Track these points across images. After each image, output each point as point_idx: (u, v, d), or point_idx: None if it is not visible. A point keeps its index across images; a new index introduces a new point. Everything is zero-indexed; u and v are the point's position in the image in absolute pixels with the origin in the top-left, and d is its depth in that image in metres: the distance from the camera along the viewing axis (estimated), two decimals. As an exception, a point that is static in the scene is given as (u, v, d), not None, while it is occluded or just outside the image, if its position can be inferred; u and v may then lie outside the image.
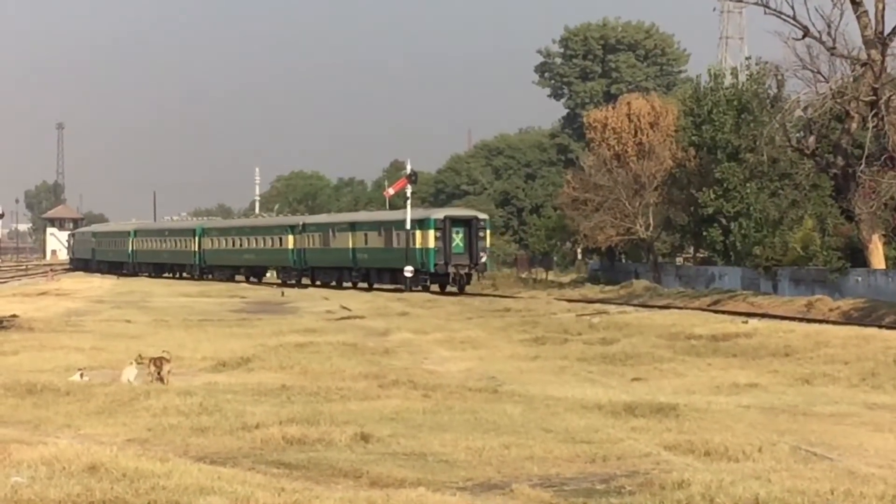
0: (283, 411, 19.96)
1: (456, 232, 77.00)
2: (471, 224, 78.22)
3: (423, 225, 77.06)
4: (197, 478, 12.40)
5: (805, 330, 38.43)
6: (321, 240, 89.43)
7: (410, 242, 76.96)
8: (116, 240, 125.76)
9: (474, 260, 76.71)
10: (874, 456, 16.67)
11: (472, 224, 78.24)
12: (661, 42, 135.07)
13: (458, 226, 77.63)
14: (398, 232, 79.63)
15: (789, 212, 65.30)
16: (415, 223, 78.02)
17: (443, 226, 76.38)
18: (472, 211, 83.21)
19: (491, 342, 38.60)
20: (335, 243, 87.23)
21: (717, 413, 20.83)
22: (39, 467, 12.75)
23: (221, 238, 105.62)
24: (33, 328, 40.44)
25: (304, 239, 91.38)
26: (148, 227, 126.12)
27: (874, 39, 58.36)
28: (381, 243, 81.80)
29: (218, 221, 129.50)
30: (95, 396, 21.90)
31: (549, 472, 14.65)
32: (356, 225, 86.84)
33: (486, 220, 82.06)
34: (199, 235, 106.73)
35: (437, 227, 76.20)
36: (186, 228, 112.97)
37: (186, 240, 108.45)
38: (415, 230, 77.33)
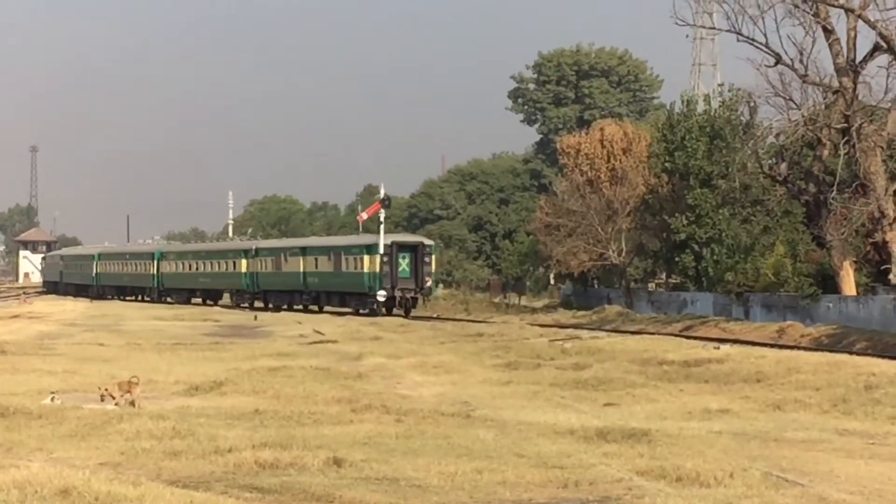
0: (255, 435, 19.94)
1: (402, 257, 78.45)
2: (417, 249, 80.00)
3: (370, 250, 78.50)
4: (169, 501, 12.40)
5: (776, 356, 38.52)
6: (273, 264, 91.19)
7: (360, 266, 78.63)
8: (82, 263, 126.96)
9: (420, 284, 78.76)
10: (845, 482, 16.73)
11: (418, 249, 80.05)
12: (635, 68, 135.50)
13: (405, 251, 79.18)
14: (347, 257, 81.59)
15: (761, 238, 65.54)
16: (363, 248, 79.94)
17: (390, 251, 77.67)
18: (418, 237, 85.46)
19: (464, 367, 38.57)
20: (286, 267, 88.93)
21: (689, 438, 20.88)
22: (11, 490, 12.72)
23: (178, 262, 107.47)
24: (5, 351, 40.27)
25: (257, 263, 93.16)
26: (111, 251, 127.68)
27: (846, 67, 58.67)
28: (331, 267, 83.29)
29: (176, 246, 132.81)
30: (68, 420, 21.85)
31: (522, 497, 14.67)
32: (307, 249, 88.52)
33: (431, 245, 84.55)
34: (157, 259, 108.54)
35: (385, 253, 77.40)
36: (146, 252, 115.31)
37: (146, 263, 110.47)
38: (363, 255, 78.97)
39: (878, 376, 31.34)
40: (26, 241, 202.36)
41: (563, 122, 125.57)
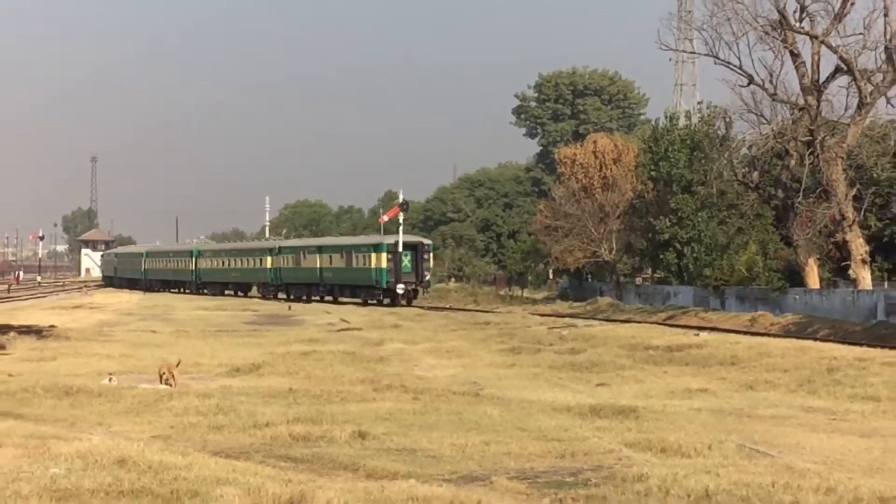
0: (289, 412, 19.94)
1: (405, 255, 78.77)
2: (417, 248, 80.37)
3: (377, 248, 79.47)
4: (214, 470, 12.39)
5: (749, 342, 38.42)
6: (294, 260, 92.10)
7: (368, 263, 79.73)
8: (133, 260, 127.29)
9: (420, 278, 79.28)
10: (810, 453, 16.69)
11: (418, 248, 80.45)
12: (624, 88, 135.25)
13: (407, 249, 79.42)
14: (357, 254, 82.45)
15: (735, 238, 65.40)
16: (370, 247, 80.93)
17: (394, 250, 78.29)
18: (418, 237, 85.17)
19: (473, 351, 38.52)
20: (305, 263, 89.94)
21: (672, 415, 20.84)
22: (75, 460, 12.73)
23: (214, 259, 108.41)
24: (69, 337, 40.31)
25: (280, 259, 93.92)
26: (157, 249, 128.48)
27: (810, 87, 58.57)
28: (343, 263, 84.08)
29: (211, 245, 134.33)
30: (124, 398, 21.88)
31: (524, 467, 14.64)
32: (322, 248, 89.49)
33: (430, 244, 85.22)
34: (195, 256, 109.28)
35: (389, 251, 78.30)
36: (185, 250, 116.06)
37: (186, 260, 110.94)
38: (371, 252, 79.91)
39: (839, 360, 31.26)
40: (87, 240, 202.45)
41: (561, 136, 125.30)
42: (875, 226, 65.25)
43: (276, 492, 10.78)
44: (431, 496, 10.71)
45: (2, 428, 16.54)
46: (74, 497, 10.67)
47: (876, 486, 12.31)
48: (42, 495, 10.63)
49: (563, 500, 12.08)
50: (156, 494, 10.97)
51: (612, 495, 12.23)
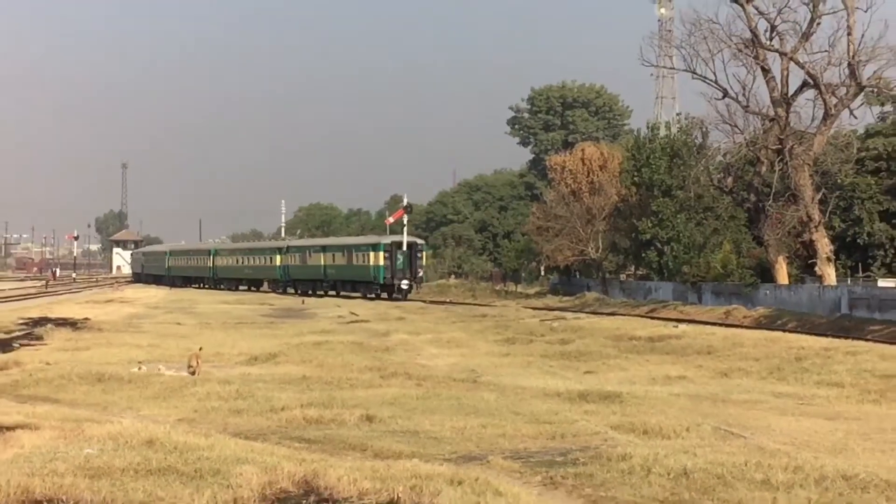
0: (303, 397, 19.95)
1: (401, 253, 79.43)
2: (412, 247, 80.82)
3: (375, 248, 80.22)
4: (234, 450, 12.39)
5: (724, 333, 38.46)
6: (300, 259, 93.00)
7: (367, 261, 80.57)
8: (158, 258, 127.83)
9: (414, 274, 79.97)
10: (779, 435, 16.69)
11: (412, 247, 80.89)
12: (609, 100, 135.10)
13: (402, 249, 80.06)
14: (357, 253, 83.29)
15: (711, 238, 65.37)
16: (369, 246, 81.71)
17: (391, 249, 79.15)
18: (412, 238, 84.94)
19: (471, 342, 38.54)
20: (310, 261, 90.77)
21: (653, 400, 20.85)
22: (107, 441, 12.73)
23: (229, 257, 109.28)
24: (101, 329, 40.35)
25: (288, 258, 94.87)
26: (178, 249, 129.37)
27: (780, 99, 58.60)
28: (345, 261, 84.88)
29: (227, 244, 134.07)
30: (152, 384, 21.90)
31: (518, 447, 14.64)
32: (326, 247, 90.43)
33: (423, 244, 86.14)
34: (213, 255, 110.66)
35: (386, 250, 79.07)
36: (204, 249, 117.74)
37: (204, 258, 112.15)
38: (369, 251, 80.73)
39: (806, 349, 31.30)
40: (118, 240, 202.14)
41: (551, 144, 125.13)
42: (839, 227, 65.44)
43: (290, 470, 10.78)
44: (433, 474, 10.71)
45: (40, 411, 16.56)
46: (106, 475, 10.67)
47: (840, 464, 12.32)
48: (77, 473, 10.64)
49: (553, 478, 12.08)
50: (181, 473, 10.98)
51: (599, 473, 12.23)
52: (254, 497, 9.80)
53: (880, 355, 29.30)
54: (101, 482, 10.24)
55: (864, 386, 24.39)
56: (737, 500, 10.70)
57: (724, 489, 11.21)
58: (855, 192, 66.66)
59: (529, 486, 11.54)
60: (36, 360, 26.89)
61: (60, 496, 9.59)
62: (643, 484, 11.61)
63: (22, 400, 19.25)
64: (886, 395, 22.93)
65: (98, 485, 10.09)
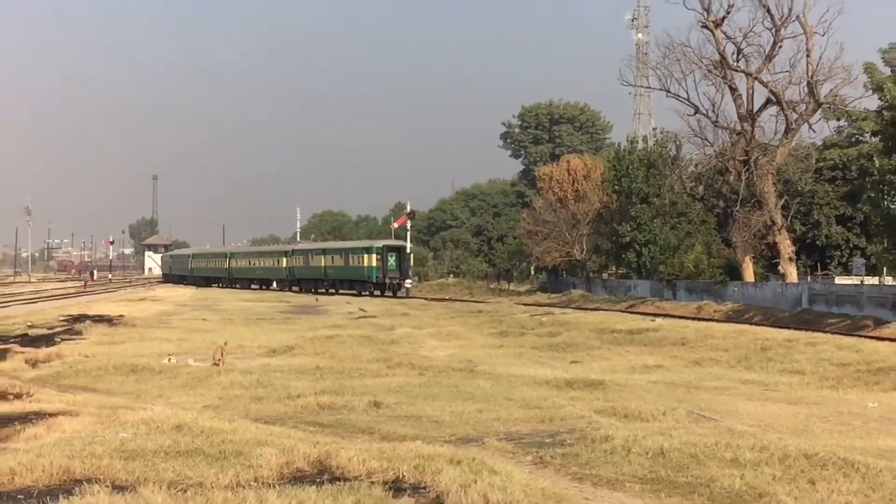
0: (317, 385, 19.95)
1: (391, 256, 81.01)
2: (401, 250, 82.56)
3: (369, 251, 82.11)
4: (255, 434, 12.39)
5: (696, 326, 38.49)
6: (304, 260, 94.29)
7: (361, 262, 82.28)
8: (183, 260, 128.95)
9: (402, 274, 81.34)
10: (746, 418, 16.71)
11: (401, 250, 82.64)
12: (592, 117, 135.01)
13: (392, 251, 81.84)
14: (353, 255, 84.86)
15: (685, 240, 65.41)
16: (363, 249, 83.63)
17: (382, 252, 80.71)
18: (401, 242, 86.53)
19: (468, 335, 38.55)
20: (313, 263, 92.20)
21: (633, 387, 20.85)
22: (140, 426, 12.73)
23: (243, 259, 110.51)
24: (135, 324, 40.34)
25: (294, 259, 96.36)
26: (200, 252, 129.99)
27: (746, 115, 58.73)
28: (343, 263, 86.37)
29: (241, 248, 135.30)
30: (180, 375, 21.89)
31: (511, 430, 14.64)
32: (326, 250, 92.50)
33: (410, 247, 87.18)
34: (229, 258, 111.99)
35: (378, 252, 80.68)
36: (221, 252, 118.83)
37: (221, 260, 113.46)
38: (363, 254, 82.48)
39: (770, 340, 31.29)
40: (149, 244, 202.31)
41: (540, 157, 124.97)
42: (799, 230, 65.55)
43: (306, 451, 10.78)
44: (434, 454, 10.71)
45: (79, 399, 16.55)
46: (139, 457, 10.67)
47: (801, 444, 12.32)
48: (112, 455, 10.64)
49: (543, 458, 12.08)
50: (207, 454, 10.97)
51: (584, 453, 12.23)
52: (273, 476, 9.80)
53: (837, 346, 29.31)
54: (134, 463, 10.24)
55: (823, 373, 24.42)
56: (708, 476, 10.70)
57: (697, 467, 11.21)
58: (814, 199, 66.78)
59: (521, 465, 11.54)
60: (76, 353, 26.88)
61: (98, 476, 9.59)
62: (624, 463, 11.62)
63: (63, 389, 19.25)
64: (843, 381, 22.96)
65: (132, 465, 10.10)
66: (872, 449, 13.03)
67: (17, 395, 17.39)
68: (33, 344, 29.42)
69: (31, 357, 25.05)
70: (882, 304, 41.58)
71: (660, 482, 10.64)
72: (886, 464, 11.07)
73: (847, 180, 66.48)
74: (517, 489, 9.13)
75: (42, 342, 30.28)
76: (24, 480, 9.54)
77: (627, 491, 10.29)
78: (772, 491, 9.93)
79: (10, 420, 14.12)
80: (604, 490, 10.36)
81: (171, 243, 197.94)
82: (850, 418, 17.08)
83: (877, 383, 22.37)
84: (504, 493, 8.89)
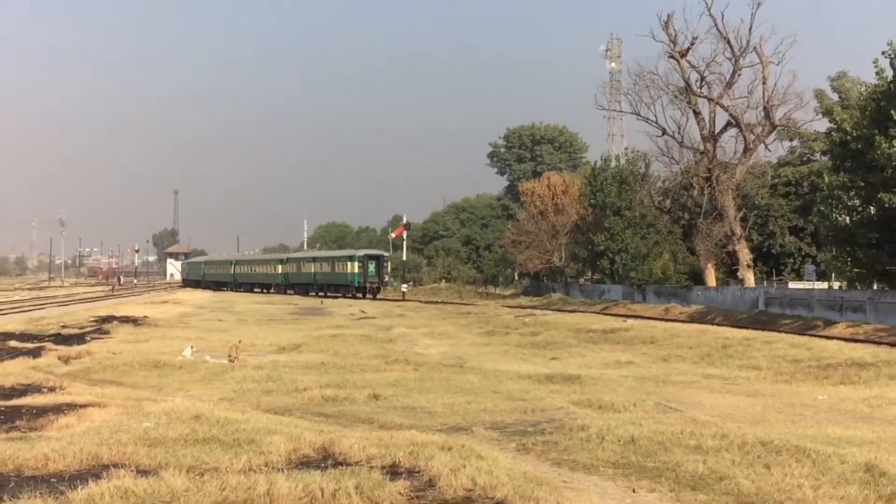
0: (322, 379, 19.92)
1: (371, 263, 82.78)
2: (380, 258, 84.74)
3: (352, 259, 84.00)
4: (265, 423, 12.37)
5: (664, 326, 38.56)
6: (296, 267, 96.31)
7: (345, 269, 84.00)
8: (197, 268, 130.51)
9: (380, 279, 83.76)
10: (709, 409, 16.72)
11: (380, 258, 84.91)
12: (570, 138, 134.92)
13: (372, 260, 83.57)
14: (338, 262, 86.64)
15: (653, 249, 65.52)
16: (347, 258, 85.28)
17: (363, 260, 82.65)
18: (380, 251, 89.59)
19: (458, 334, 38.56)
20: (304, 269, 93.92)
21: (606, 381, 20.86)
22: (162, 416, 12.71)
23: (245, 266, 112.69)
24: (158, 324, 40.26)
25: (288, 266, 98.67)
26: (211, 260, 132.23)
27: (708, 136, 58.96)
28: (330, 269, 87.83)
29: (244, 256, 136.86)
30: (198, 370, 21.85)
31: (497, 420, 14.63)
32: (315, 259, 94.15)
33: (388, 256, 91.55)
34: (234, 265, 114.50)
35: (360, 261, 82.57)
36: (228, 261, 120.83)
37: (228, 267, 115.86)
38: (347, 262, 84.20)
39: (730, 339, 31.36)
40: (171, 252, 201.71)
41: (523, 174, 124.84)
42: (756, 239, 65.70)
43: (311, 439, 10.77)
44: (428, 442, 10.70)
45: (107, 392, 16.53)
46: (161, 444, 10.66)
47: (758, 433, 12.34)
48: (137, 443, 10.62)
49: (525, 445, 12.08)
50: (222, 441, 10.96)
51: (562, 441, 12.23)
52: (281, 461, 9.79)
53: (790, 344, 29.39)
54: (157, 450, 10.23)
55: (778, 369, 24.46)
56: (674, 462, 10.70)
57: (664, 453, 11.21)
58: (769, 212, 66.96)
59: (506, 451, 11.53)
60: (104, 350, 26.83)
61: (124, 461, 9.58)
62: (598, 449, 11.62)
63: (92, 383, 19.20)
64: (795, 376, 22.99)
65: (154, 452, 10.08)
66: (822, 437, 13.05)
67: (50, 388, 17.36)
68: (66, 342, 29.35)
69: (64, 354, 24.99)
70: (831, 306, 41.67)
71: (630, 467, 10.65)
72: (835, 450, 11.09)
73: (799, 195, 66.69)
74: (502, 473, 9.13)
75: (74, 340, 30.22)
76: (57, 465, 9.53)
77: (601, 475, 10.29)
78: (731, 474, 9.94)
79: (45, 411, 14.11)
80: (580, 474, 10.36)
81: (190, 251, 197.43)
82: (802, 409, 17.10)
83: (826, 378, 22.42)
84: (490, 476, 8.89)
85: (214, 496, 7.96)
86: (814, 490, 9.25)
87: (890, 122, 36.78)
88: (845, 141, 39.40)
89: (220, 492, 8.06)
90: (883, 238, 38.58)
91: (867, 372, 22.62)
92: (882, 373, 22.34)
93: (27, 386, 17.78)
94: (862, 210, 40.19)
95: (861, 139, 38.24)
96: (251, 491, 8.08)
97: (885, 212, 37.49)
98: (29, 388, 17.39)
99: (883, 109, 37.52)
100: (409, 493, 8.47)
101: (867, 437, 13.44)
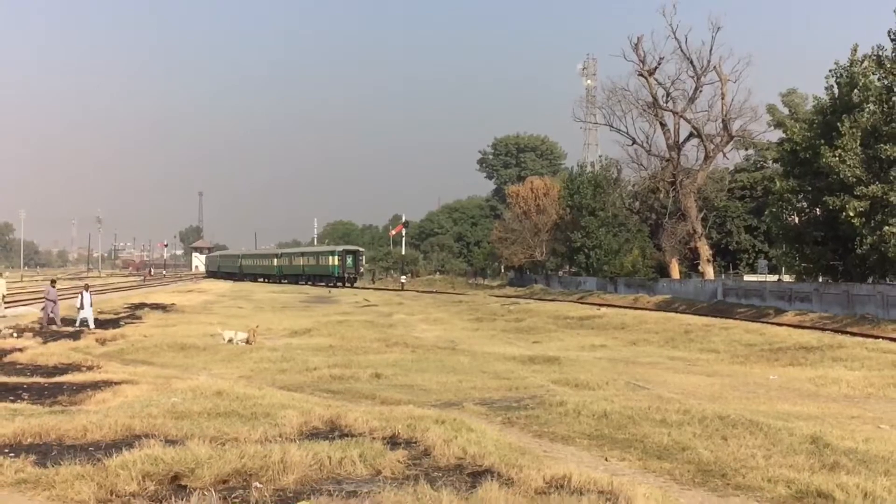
0: (330, 360, 19.93)
1: (349, 257, 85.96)
2: (356, 253, 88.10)
3: (332, 254, 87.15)
4: (279, 399, 12.37)
5: (633, 314, 38.59)
6: (288, 261, 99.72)
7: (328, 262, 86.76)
8: (215, 260, 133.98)
9: (357, 271, 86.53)
10: (673, 387, 16.75)
11: (357, 253, 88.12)
12: (551, 146, 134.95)
13: (350, 254, 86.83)
14: (321, 256, 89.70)
15: (624, 245, 65.54)
16: (329, 253, 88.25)
17: (342, 254, 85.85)
18: (356, 247, 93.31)
19: (451, 320, 38.55)
20: (294, 262, 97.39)
21: (583, 362, 20.89)
22: (188, 392, 12.70)
23: (250, 259, 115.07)
24: (184, 311, 40.21)
25: (282, 260, 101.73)
26: (225, 254, 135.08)
27: (673, 146, 59.06)
28: (315, 262, 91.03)
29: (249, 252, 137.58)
30: (220, 351, 21.83)
31: (485, 396, 14.65)
32: (304, 253, 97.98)
33: (363, 251, 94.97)
34: (241, 259, 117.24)
35: (339, 255, 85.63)
36: (236, 255, 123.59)
37: (235, 260, 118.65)
38: (328, 256, 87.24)
39: (692, 325, 31.42)
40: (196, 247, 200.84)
41: (509, 178, 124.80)
42: (715, 237, 65.82)
43: (321, 413, 10.77)
44: (423, 415, 10.71)
45: (139, 371, 16.51)
46: (187, 417, 10.65)
47: (717, 408, 12.37)
48: (165, 416, 10.61)
49: (510, 419, 12.10)
50: (241, 415, 10.96)
51: (543, 415, 12.25)
52: (294, 433, 9.79)
53: (745, 329, 29.46)
54: (183, 422, 10.22)
55: (734, 352, 24.52)
56: (642, 434, 10.72)
57: (633, 426, 11.24)
58: (727, 213, 67.10)
59: (493, 424, 11.54)
60: (136, 333, 26.80)
61: (154, 432, 9.57)
62: (575, 423, 11.64)
63: (126, 363, 19.18)
64: (750, 358, 23.05)
65: (181, 424, 10.07)
66: (773, 412, 13.09)
67: (89, 367, 17.34)
68: (102, 326, 29.31)
69: (101, 337, 24.96)
70: (781, 296, 41.76)
71: (603, 438, 10.67)
72: (784, 424, 11.13)
73: (753, 198, 66.84)
74: (489, 443, 9.15)
75: (109, 325, 30.18)
76: (94, 435, 9.53)
77: (577, 445, 10.31)
78: (692, 445, 9.96)
79: (84, 387, 14.09)
80: (559, 444, 10.38)
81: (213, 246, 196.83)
82: (756, 388, 17.15)
83: (776, 360, 22.48)
84: (479, 446, 8.91)
85: (234, 463, 7.96)
86: (766, 459, 9.28)
87: (835, 134, 36.90)
88: (795, 150, 39.58)
89: (239, 459, 8.06)
90: (827, 236, 38.79)
91: (813, 355, 22.69)
92: (826, 356, 22.41)
93: (68, 365, 17.77)
94: (809, 212, 40.38)
95: (809, 149, 38.41)
96: (267, 458, 8.08)
97: (829, 213, 37.63)
98: (69, 367, 17.38)
99: (829, 122, 37.71)
100: (406, 461, 8.48)
101: (813, 413, 13.49)
